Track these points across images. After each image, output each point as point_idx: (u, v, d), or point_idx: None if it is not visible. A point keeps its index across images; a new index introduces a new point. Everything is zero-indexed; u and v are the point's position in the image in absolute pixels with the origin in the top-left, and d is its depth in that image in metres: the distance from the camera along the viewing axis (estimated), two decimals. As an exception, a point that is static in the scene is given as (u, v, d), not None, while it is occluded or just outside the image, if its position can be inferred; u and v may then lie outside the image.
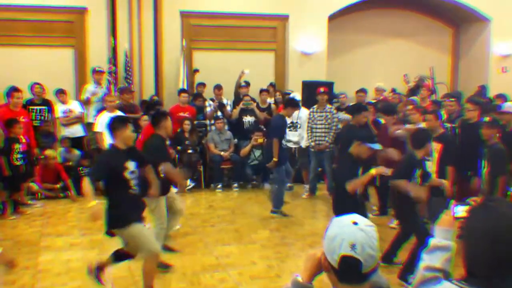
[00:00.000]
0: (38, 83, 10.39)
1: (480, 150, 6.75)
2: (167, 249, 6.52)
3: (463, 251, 1.92)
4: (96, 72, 10.97)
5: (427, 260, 2.15)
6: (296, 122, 10.28)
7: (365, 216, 4.98)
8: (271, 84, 12.22)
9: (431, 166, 6.94)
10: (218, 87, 11.23)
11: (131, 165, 5.11)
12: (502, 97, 9.82)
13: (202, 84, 11.72)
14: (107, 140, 9.53)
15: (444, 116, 8.70)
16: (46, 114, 10.41)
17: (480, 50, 14.16)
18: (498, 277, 1.81)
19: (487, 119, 7.07)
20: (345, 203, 5.90)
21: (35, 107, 10.32)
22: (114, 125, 5.20)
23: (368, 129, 8.06)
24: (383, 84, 11.63)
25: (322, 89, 9.75)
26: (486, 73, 13.88)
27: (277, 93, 11.54)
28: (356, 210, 2.57)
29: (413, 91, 11.26)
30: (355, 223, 1.90)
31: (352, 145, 5.65)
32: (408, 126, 8.08)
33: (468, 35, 14.59)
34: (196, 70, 12.09)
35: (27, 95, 10.23)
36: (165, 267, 6.08)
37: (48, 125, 10.40)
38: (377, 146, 6.19)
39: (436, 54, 14.52)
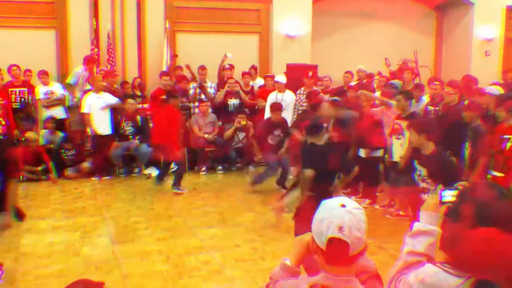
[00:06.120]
0: (15, 65, 10.24)
1: (464, 132, 6.82)
2: None
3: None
4: (92, 60, 10.82)
5: (410, 245, 2.13)
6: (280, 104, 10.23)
7: None
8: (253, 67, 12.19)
9: None
10: (202, 67, 11.16)
11: None
12: None
13: (179, 67, 11.64)
14: (93, 121, 9.56)
15: (428, 100, 8.78)
16: (26, 96, 10.28)
17: (463, 34, 14.21)
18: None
19: (467, 102, 7.16)
20: None
21: (15, 89, 10.19)
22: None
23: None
24: (365, 67, 11.63)
25: (310, 73, 9.82)
26: (469, 57, 13.96)
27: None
28: None
29: (397, 74, 11.28)
30: (343, 206, 1.90)
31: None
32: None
33: (451, 18, 14.63)
34: (175, 55, 11.98)
35: (8, 77, 10.14)
36: None
37: (29, 107, 10.29)
38: None
39: (420, 38, 14.53)
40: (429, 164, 5.49)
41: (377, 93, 9.24)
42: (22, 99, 10.23)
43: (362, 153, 8.20)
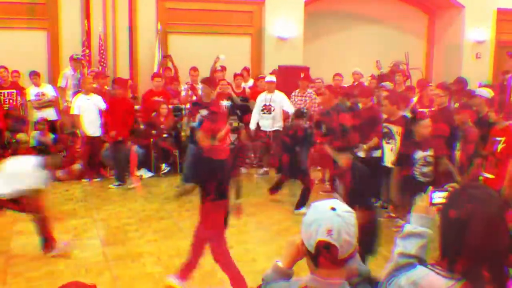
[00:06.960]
0: (3, 66, 10.20)
1: (456, 134, 6.84)
2: None
3: (439, 236, 1.92)
4: (74, 59, 10.81)
5: (401, 246, 2.13)
6: (269, 105, 10.15)
7: None
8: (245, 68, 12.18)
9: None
10: (194, 69, 11.13)
11: None
12: None
13: (168, 68, 11.64)
14: (83, 123, 9.54)
15: (415, 101, 8.84)
16: (15, 98, 10.23)
17: (455, 36, 14.29)
18: (474, 263, 1.83)
19: (457, 104, 7.19)
20: None
21: (3, 91, 10.14)
22: None
23: None
24: (360, 69, 11.66)
25: (302, 75, 9.90)
26: (460, 59, 14.03)
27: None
28: None
29: (387, 76, 11.32)
30: (333, 209, 1.89)
31: None
32: None
33: (443, 21, 14.70)
34: (167, 56, 11.95)
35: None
36: None
37: (18, 109, 10.23)
38: None
39: (412, 40, 14.60)
40: None
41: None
42: (11, 101, 10.17)
43: (361, 153, 8.16)
